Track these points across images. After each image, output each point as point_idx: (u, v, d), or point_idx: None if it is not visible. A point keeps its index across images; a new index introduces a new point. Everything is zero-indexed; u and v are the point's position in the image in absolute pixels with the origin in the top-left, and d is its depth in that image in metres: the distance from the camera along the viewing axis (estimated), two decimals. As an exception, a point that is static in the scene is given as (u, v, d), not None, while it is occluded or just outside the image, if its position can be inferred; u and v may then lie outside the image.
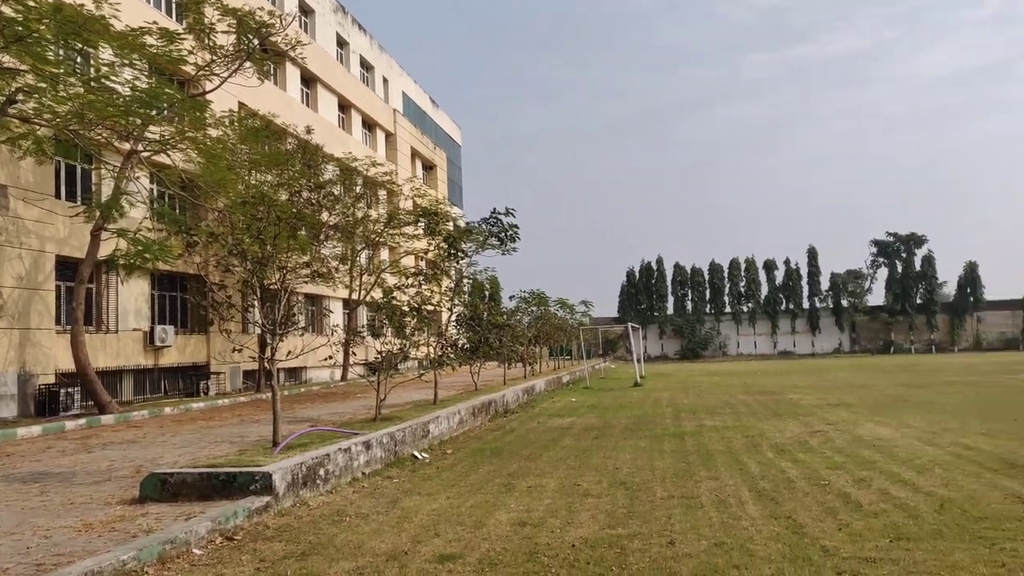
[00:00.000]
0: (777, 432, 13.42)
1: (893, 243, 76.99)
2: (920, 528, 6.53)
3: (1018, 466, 9.28)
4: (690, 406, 19.69)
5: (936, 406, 17.33)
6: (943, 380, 26.88)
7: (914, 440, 11.86)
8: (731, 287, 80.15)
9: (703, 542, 6.30)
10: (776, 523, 6.86)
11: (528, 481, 9.45)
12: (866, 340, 76.97)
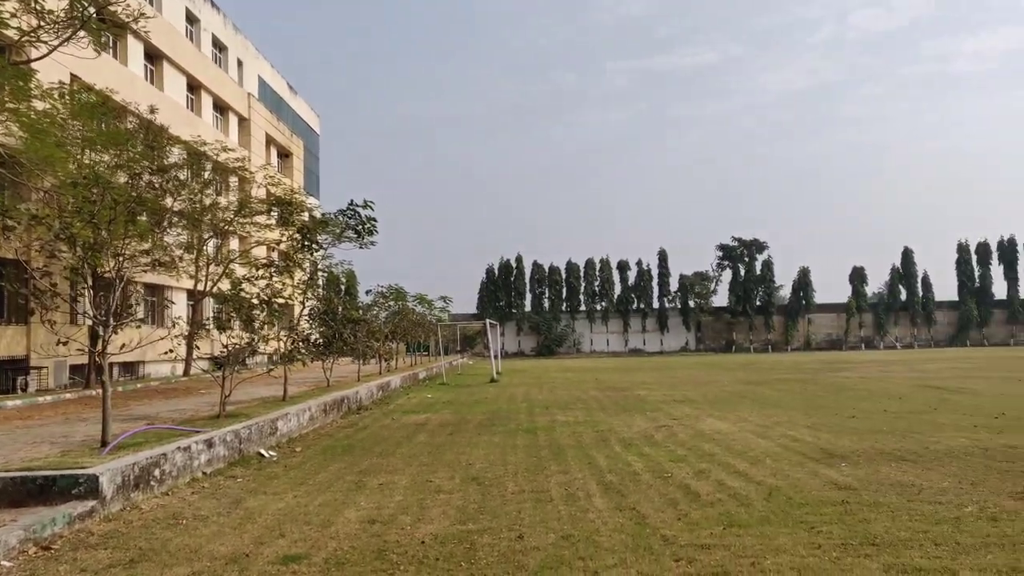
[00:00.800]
0: (625, 427, 14.00)
1: (737, 248, 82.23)
2: (750, 515, 7.01)
3: (836, 456, 10.17)
4: (544, 402, 20.17)
5: (769, 401, 18.69)
6: (776, 377, 29.03)
7: (749, 433, 12.72)
8: (586, 286, 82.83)
9: (551, 535, 6.47)
10: (621, 515, 7.16)
11: (380, 478, 9.34)
12: (710, 339, 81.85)
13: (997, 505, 7.17)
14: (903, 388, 21.72)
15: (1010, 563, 5.44)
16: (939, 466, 9.25)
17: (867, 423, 13.62)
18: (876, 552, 5.77)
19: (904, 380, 25.28)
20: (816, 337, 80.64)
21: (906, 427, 12.90)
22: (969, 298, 77.53)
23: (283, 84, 50.77)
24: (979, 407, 15.87)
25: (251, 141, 42.33)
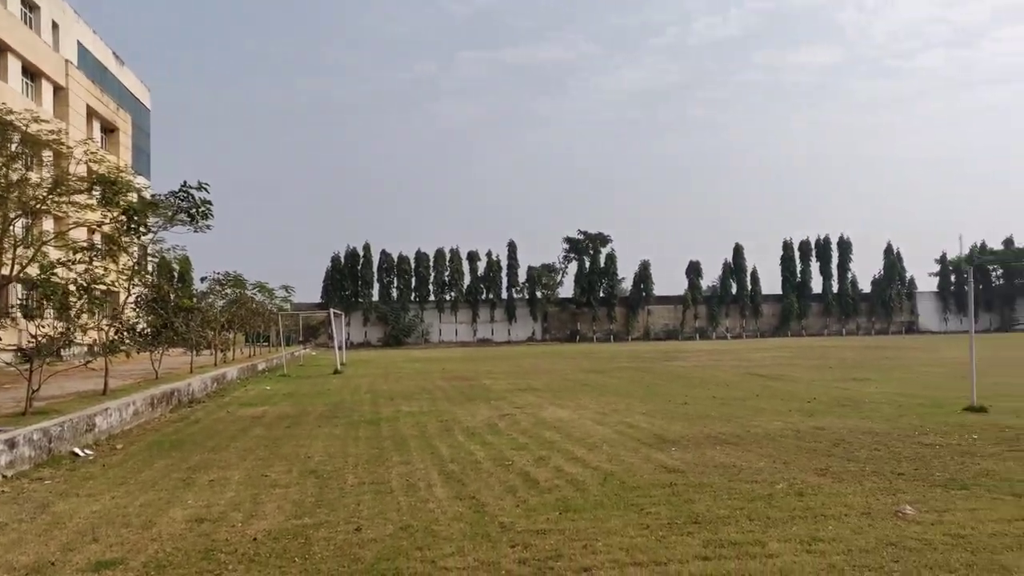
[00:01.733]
0: (469, 416, 14.17)
1: (583, 241, 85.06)
2: (586, 500, 7.31)
3: (667, 440, 10.79)
4: (389, 392, 20.02)
5: (609, 389, 19.52)
6: (616, 366, 30.37)
7: (588, 421, 13.23)
8: (436, 276, 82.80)
9: (390, 526, 6.45)
10: (461, 503, 7.24)
11: (210, 474, 8.93)
12: (556, 329, 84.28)
13: (804, 481, 7.88)
14: (731, 376, 23.35)
15: (811, 532, 6.01)
16: (757, 448, 10.03)
17: (697, 409, 14.54)
18: (698, 529, 6.18)
19: (732, 368, 27.19)
20: (655, 328, 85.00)
21: (731, 412, 13.89)
22: (791, 292, 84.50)
23: (108, 53, 46.98)
24: (794, 393, 17.36)
25: (69, 112, 38.85)
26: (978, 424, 11.70)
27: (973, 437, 10.49)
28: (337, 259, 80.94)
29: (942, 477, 8.01)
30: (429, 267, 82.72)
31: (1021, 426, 11.43)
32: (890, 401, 15.25)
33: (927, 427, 11.56)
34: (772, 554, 5.52)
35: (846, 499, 7.11)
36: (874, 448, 9.83)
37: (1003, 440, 10.21)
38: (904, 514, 6.56)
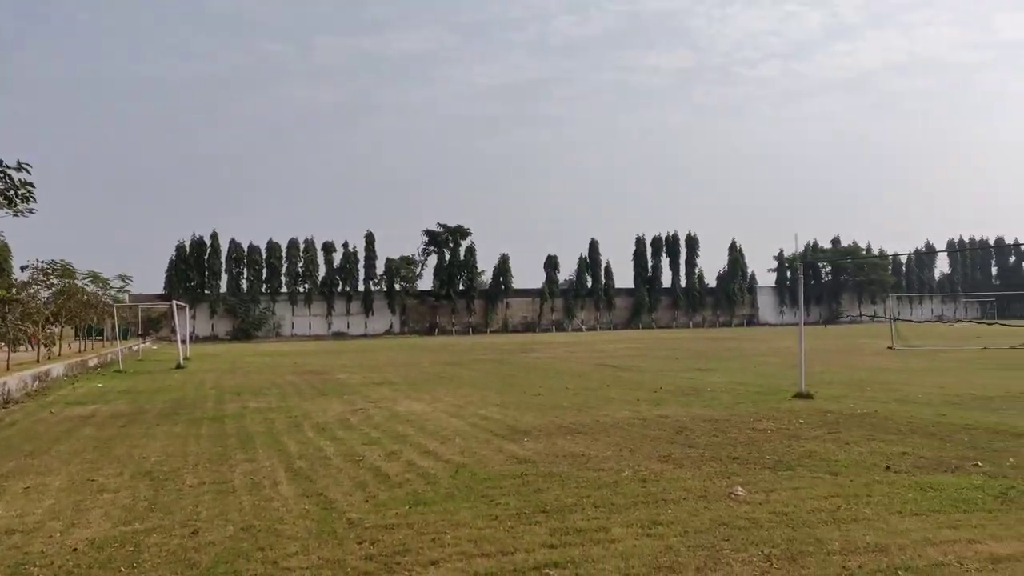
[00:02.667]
0: (321, 411, 13.83)
1: (443, 233, 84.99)
2: (436, 493, 7.31)
3: (520, 431, 10.99)
4: (235, 388, 19.20)
5: (465, 382, 19.64)
6: (473, 359, 30.61)
7: (443, 413, 13.25)
8: (289, 267, 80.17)
9: (231, 527, 6.18)
10: (308, 501, 7.06)
11: (26, 481, 8.23)
12: (415, 322, 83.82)
13: (647, 468, 8.26)
14: (584, 367, 24.11)
15: (652, 517, 6.31)
16: (605, 436, 10.42)
17: (550, 400, 14.90)
18: (545, 518, 6.34)
19: (585, 360, 28.08)
20: (513, 320, 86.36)
21: (582, 402, 14.33)
22: (643, 286, 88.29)
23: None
24: (643, 383, 18.16)
25: None
26: (805, 409, 12.70)
27: (800, 422, 11.37)
28: (182, 248, 76.62)
29: (771, 460, 8.63)
30: (282, 257, 79.94)
31: (840, 410, 12.52)
32: (729, 389, 16.26)
33: (761, 413, 12.42)
34: (615, 539, 5.75)
35: (685, 483, 7.51)
36: (713, 434, 10.44)
37: (825, 424, 11.14)
38: (736, 495, 7.01)
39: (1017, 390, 15.28)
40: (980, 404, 13.29)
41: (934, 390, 15.59)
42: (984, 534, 5.73)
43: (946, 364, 22.98)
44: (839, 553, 5.35)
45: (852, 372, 20.53)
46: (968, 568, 5.02)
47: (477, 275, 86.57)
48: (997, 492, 6.98)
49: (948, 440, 9.69)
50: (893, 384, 17.02)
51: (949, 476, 7.67)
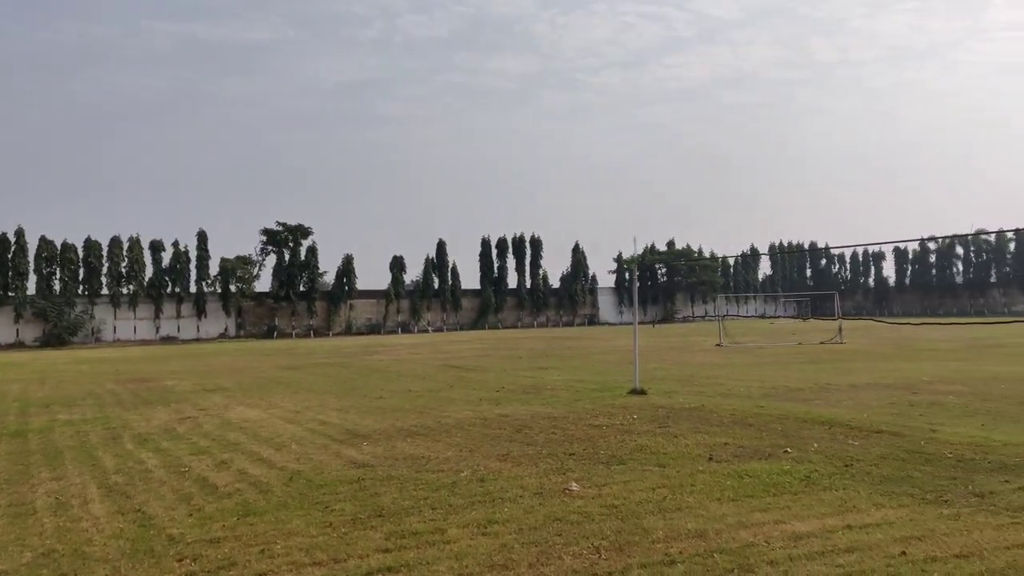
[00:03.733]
0: (144, 421, 12.98)
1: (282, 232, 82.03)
2: (268, 502, 7.06)
3: (360, 435, 10.82)
4: (44, 399, 17.59)
5: (304, 386, 19.07)
6: (314, 362, 29.80)
7: (279, 420, 12.81)
8: (111, 267, 74.59)
9: (28, 554, 5.67)
10: (123, 518, 6.61)
11: None
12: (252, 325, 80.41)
13: (486, 467, 8.37)
14: (428, 369, 24.08)
15: (488, 516, 6.40)
16: (447, 437, 10.46)
17: (392, 402, 14.77)
18: (381, 523, 6.28)
19: (430, 361, 28.05)
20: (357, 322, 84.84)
21: (425, 404, 14.31)
22: (489, 286, 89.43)
23: None
24: (486, 383, 18.39)
25: None
26: (638, 405, 13.33)
27: (634, 417, 11.93)
28: (-19, 245, 69.31)
29: (605, 454, 8.99)
30: (102, 257, 74.21)
31: (671, 405, 13.25)
32: (568, 387, 16.78)
33: (597, 410, 12.92)
34: (450, 540, 5.78)
35: (523, 481, 7.68)
36: (551, 432, 10.75)
37: (656, 419, 11.75)
38: (571, 491, 7.25)
39: (824, 382, 16.78)
40: (793, 396, 14.49)
41: (754, 384, 16.82)
42: (789, 514, 6.26)
43: (766, 359, 24.87)
44: (663, 541, 5.65)
45: (683, 368, 21.77)
46: (774, 546, 5.45)
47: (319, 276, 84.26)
48: (802, 476, 7.64)
49: (764, 430, 10.49)
50: (719, 379, 18.21)
51: (763, 463, 8.31)
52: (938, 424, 10.62)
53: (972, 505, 6.43)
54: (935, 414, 11.64)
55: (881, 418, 11.30)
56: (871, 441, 9.46)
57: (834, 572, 4.93)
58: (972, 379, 16.47)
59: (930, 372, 18.23)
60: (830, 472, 7.80)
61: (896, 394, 14.24)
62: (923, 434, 9.81)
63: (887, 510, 6.34)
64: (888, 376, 17.67)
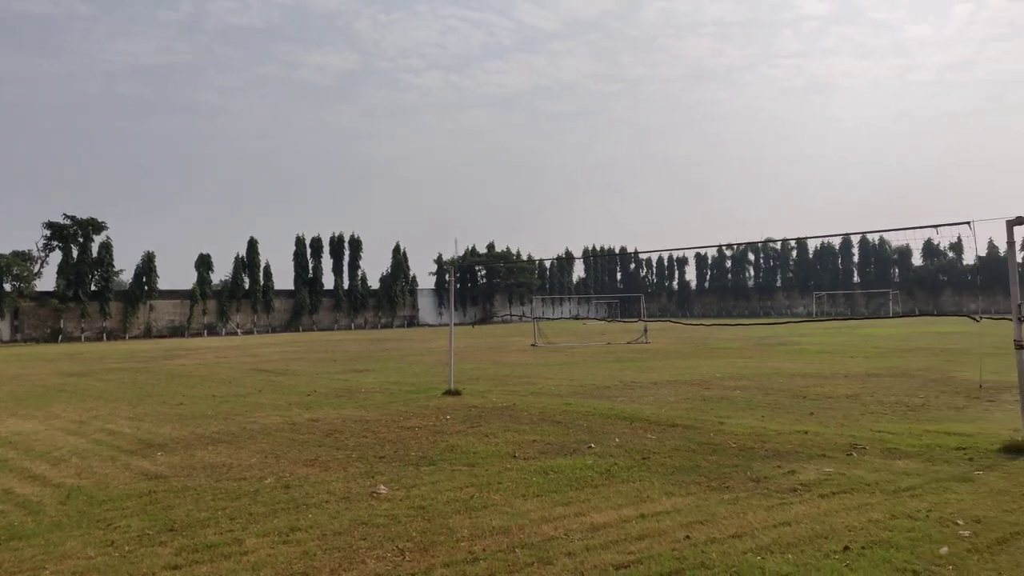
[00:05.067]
0: None
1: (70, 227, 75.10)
2: (39, 523, 6.43)
3: (154, 445, 10.13)
4: None
5: (92, 393, 17.56)
6: (105, 367, 27.49)
7: (59, 431, 11.71)
8: None
9: None
10: None
11: None
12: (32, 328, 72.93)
13: (292, 473, 8.12)
14: (235, 373, 22.96)
15: (291, 523, 6.21)
16: (251, 444, 10.03)
17: (193, 409, 13.95)
18: (172, 537, 5.91)
19: (238, 365, 26.77)
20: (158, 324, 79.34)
21: (230, 410, 13.64)
22: (303, 287, 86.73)
23: None
24: (296, 386, 17.82)
25: None
26: (452, 406, 13.46)
27: (447, 418, 12.03)
28: None
29: (416, 456, 9.00)
30: None
31: (484, 405, 13.50)
32: (384, 389, 16.64)
33: (411, 411, 12.90)
34: (248, 551, 5.55)
35: (329, 486, 7.52)
36: (362, 435, 10.60)
37: (469, 418, 11.92)
38: (378, 494, 7.19)
39: (628, 379, 17.78)
40: (599, 393, 15.23)
41: (564, 382, 17.50)
42: (589, 507, 6.57)
43: (577, 359, 25.95)
44: (467, 539, 5.75)
45: (499, 368, 22.23)
46: (573, 539, 5.71)
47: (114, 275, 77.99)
48: (603, 469, 8.05)
49: (571, 427, 10.95)
50: (532, 378, 18.78)
51: (567, 459, 8.67)
52: (725, 417, 11.56)
53: (749, 490, 7.06)
54: (724, 408, 12.66)
55: (677, 413, 12.14)
56: (667, 434, 10.14)
57: (626, 559, 5.23)
58: (757, 375, 18.10)
59: (722, 369, 19.82)
60: (629, 465, 8.27)
61: (692, 390, 15.35)
62: (712, 426, 10.64)
63: (677, 498, 6.82)
64: (686, 373, 19.01)
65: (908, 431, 9.81)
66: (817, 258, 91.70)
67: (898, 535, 5.52)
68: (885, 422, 10.73)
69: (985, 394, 13.41)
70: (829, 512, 6.20)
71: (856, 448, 8.82)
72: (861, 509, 6.26)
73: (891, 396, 13.61)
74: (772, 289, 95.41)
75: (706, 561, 5.12)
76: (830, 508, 6.33)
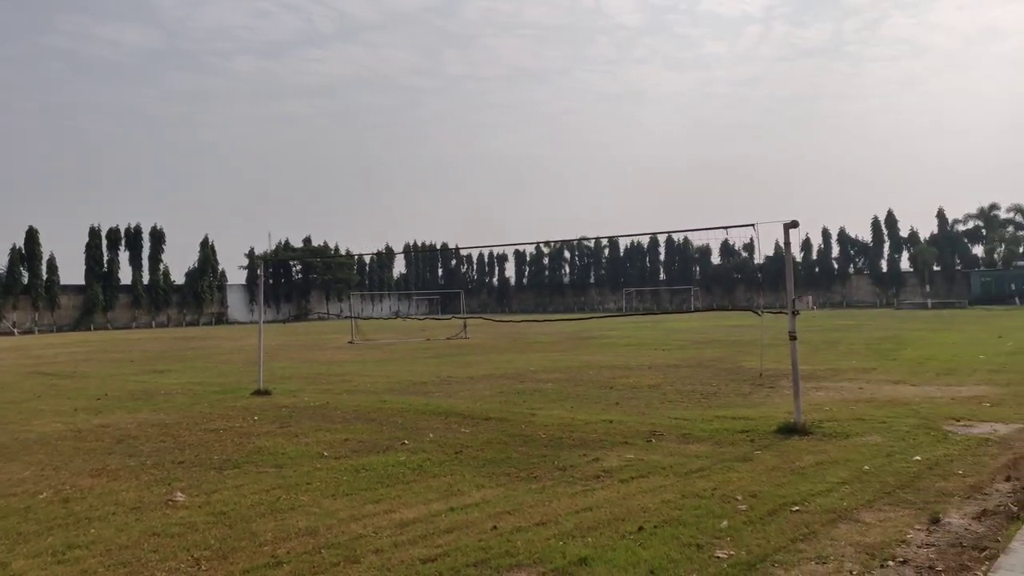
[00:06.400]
0: None
1: None
2: None
3: (-95, 461, 8.95)
4: None
5: None
6: None
7: None
8: None
9: None
10: None
11: None
12: None
13: (74, 486, 7.47)
14: (9, 377, 20.76)
15: (68, 541, 5.71)
16: (25, 456, 9.12)
17: (-44, 419, 12.47)
18: (-77, 563, 5.26)
19: (13, 367, 24.21)
20: (-83, 324, 70.18)
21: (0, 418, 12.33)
22: (96, 282, 79.89)
23: None
24: (85, 390, 16.40)
25: None
26: (261, 406, 12.95)
27: (255, 419, 11.56)
28: None
29: (219, 459, 8.58)
30: None
31: (295, 404, 13.10)
32: (187, 391, 15.71)
33: (216, 413, 12.28)
34: (15, 574, 5.04)
35: (118, 497, 7.00)
36: (160, 440, 9.96)
37: (279, 419, 11.52)
38: (175, 501, 6.78)
39: (446, 375, 17.92)
40: (416, 389, 15.24)
41: (381, 379, 17.35)
42: (399, 503, 6.56)
43: (396, 355, 25.80)
44: (271, 543, 5.55)
45: (313, 367, 21.65)
46: (381, 535, 5.67)
47: None
48: (415, 465, 8.07)
49: (385, 423, 10.87)
50: (348, 376, 18.45)
51: (380, 456, 8.60)
52: (537, 409, 11.95)
53: (556, 478, 7.35)
54: (536, 400, 13.08)
55: (491, 406, 12.39)
56: (480, 428, 10.33)
57: (433, 553, 5.27)
58: (568, 368, 18.85)
59: (536, 363, 20.46)
60: (441, 460, 8.34)
61: (506, 384, 15.72)
62: (524, 419, 10.96)
63: (487, 490, 6.97)
64: (502, 368, 19.44)
65: (701, 417, 10.61)
66: (627, 256, 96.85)
67: (686, 513, 5.96)
68: (682, 409, 11.54)
69: (767, 381, 14.77)
70: (627, 496, 6.58)
71: (655, 434, 9.42)
72: (656, 491, 6.70)
73: (688, 385, 14.66)
74: (586, 285, 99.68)
75: (511, 550, 5.27)
76: (629, 492, 6.71)
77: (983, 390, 12.71)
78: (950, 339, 25.50)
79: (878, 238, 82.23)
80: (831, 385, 14.11)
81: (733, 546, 5.19)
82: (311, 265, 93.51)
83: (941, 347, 22.16)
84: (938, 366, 16.94)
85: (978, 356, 18.85)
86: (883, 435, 8.93)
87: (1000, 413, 10.37)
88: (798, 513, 5.89)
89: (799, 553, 5.03)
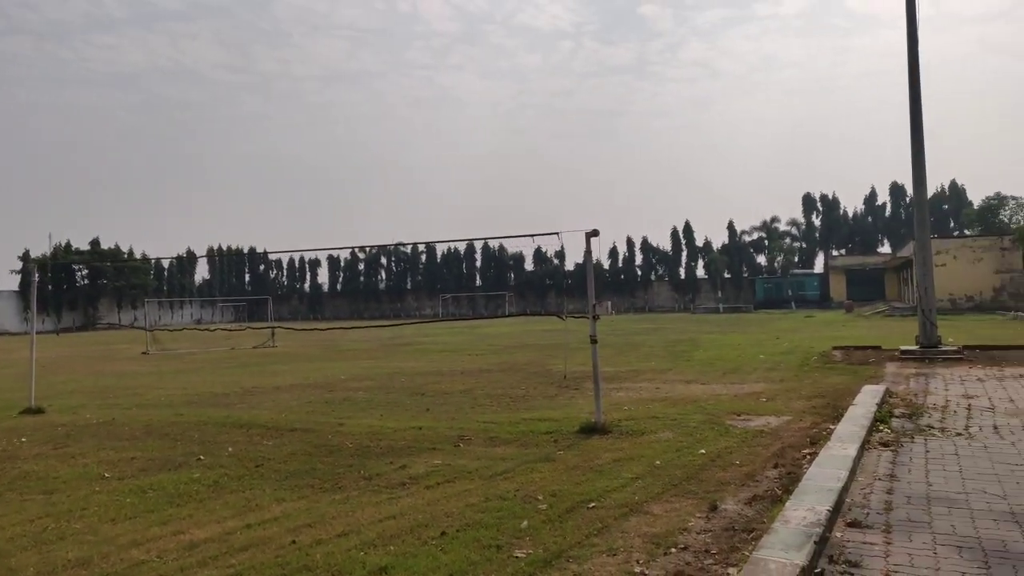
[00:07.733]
0: None
1: None
2: None
3: None
4: None
5: None
6: None
7: None
8: None
9: None
10: None
11: None
12: None
13: None
14: None
15: None
16: None
17: None
18: None
19: None
20: None
21: None
22: None
23: None
24: None
25: None
26: (32, 426, 11.74)
27: (22, 440, 10.46)
28: None
29: (-24, 488, 7.67)
30: None
31: (75, 422, 11.99)
32: (-59, 412, 13.93)
33: (-24, 436, 10.98)
34: None
35: None
36: (-97, 469, 8.75)
37: (53, 439, 10.49)
38: (-82, 538, 5.98)
39: (250, 385, 17.13)
40: (217, 401, 14.44)
41: (178, 391, 16.29)
42: (190, 524, 6.18)
43: (196, 365, 24.34)
44: (35, 577, 5.04)
45: (99, 380, 19.95)
46: (167, 559, 5.31)
47: None
48: (211, 482, 7.64)
49: (179, 439, 10.20)
50: (140, 389, 17.17)
51: (172, 474, 8.07)
52: (346, 418, 11.70)
53: (361, 488, 7.22)
54: (345, 409, 12.80)
55: (297, 417, 11.99)
56: (284, 439, 9.95)
57: (225, 573, 5.00)
58: (380, 375, 18.63)
59: (347, 371, 20.05)
60: (240, 474, 7.95)
61: (315, 393, 15.28)
62: (332, 428, 10.68)
63: (287, 504, 6.72)
64: (311, 376, 18.88)
65: (509, 420, 10.84)
66: (444, 262, 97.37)
67: (489, 516, 6.05)
68: (491, 413, 11.74)
69: (572, 383, 15.37)
70: (432, 502, 6.59)
71: (463, 439, 9.50)
72: (461, 495, 6.76)
73: (499, 389, 14.95)
74: (402, 291, 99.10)
75: (309, 564, 5.11)
76: (434, 498, 6.72)
77: (761, 387, 13.94)
78: (736, 341, 27.75)
79: (677, 247, 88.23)
80: (631, 385, 14.90)
81: (532, 545, 5.34)
82: (102, 270, 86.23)
83: (728, 348, 24.08)
84: (724, 366, 18.38)
85: (758, 356, 20.67)
86: (674, 431, 9.55)
87: (774, 407, 11.41)
88: (594, 509, 6.16)
89: (592, 547, 5.25)
